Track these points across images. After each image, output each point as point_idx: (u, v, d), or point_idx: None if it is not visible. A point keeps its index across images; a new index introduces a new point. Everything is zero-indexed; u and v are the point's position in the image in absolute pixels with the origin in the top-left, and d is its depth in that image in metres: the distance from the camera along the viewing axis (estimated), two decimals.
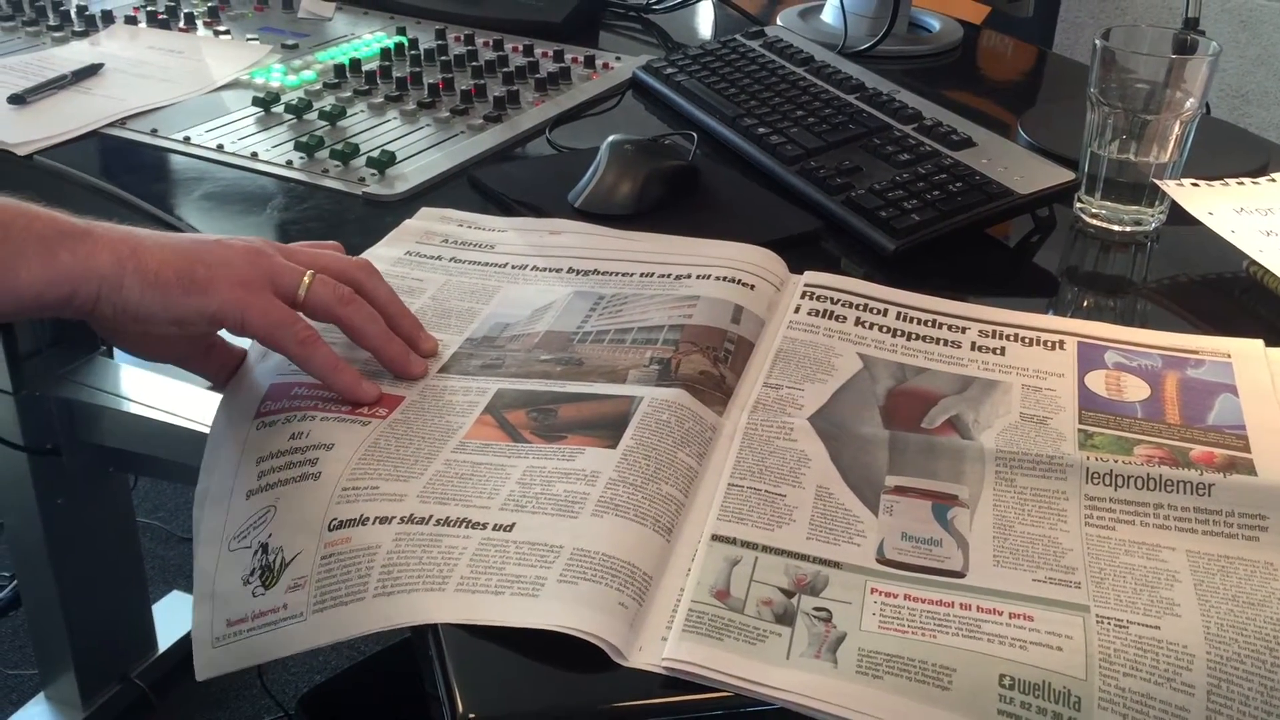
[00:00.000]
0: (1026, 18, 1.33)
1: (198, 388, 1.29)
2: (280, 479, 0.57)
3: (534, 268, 0.77)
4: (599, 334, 0.69)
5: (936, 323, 0.73)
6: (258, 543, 0.55)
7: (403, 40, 1.17)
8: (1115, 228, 0.86)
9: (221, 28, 1.22)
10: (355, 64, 1.10)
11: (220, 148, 0.94)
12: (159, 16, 1.22)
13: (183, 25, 1.22)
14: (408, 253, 0.78)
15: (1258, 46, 2.16)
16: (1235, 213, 0.84)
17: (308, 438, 0.59)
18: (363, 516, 0.54)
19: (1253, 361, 0.69)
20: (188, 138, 0.96)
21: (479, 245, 0.80)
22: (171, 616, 1.64)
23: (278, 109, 1.01)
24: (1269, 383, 0.67)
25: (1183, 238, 0.86)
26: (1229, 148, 1.00)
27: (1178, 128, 0.84)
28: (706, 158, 0.94)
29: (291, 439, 0.59)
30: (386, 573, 0.51)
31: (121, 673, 1.56)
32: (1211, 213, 0.83)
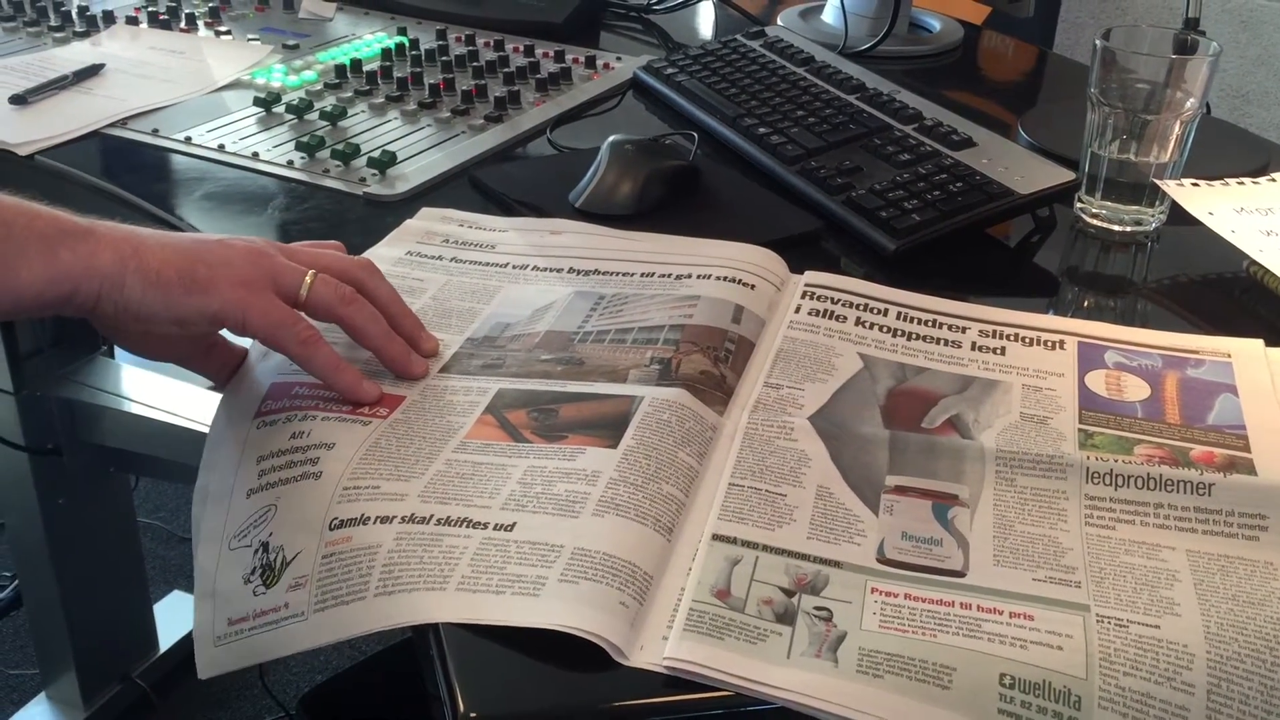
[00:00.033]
0: (1027, 18, 1.33)
1: (199, 388, 1.29)
2: (281, 478, 0.57)
3: (535, 268, 0.77)
4: (600, 334, 0.69)
5: (937, 323, 0.73)
6: (258, 542, 0.55)
7: (404, 40, 1.17)
8: (1115, 228, 0.86)
9: (223, 28, 1.22)
10: (356, 64, 1.10)
11: (221, 148, 0.94)
12: (160, 17, 1.22)
13: (184, 26, 1.22)
14: (408, 253, 0.78)
15: (1258, 47, 2.16)
16: (1235, 213, 0.84)
17: (308, 437, 0.59)
18: (364, 516, 0.54)
19: (1253, 361, 0.69)
20: (189, 138, 0.96)
21: (480, 245, 0.80)
22: (172, 616, 1.64)
23: (279, 109, 1.01)
24: (1269, 383, 0.67)
25: (1183, 238, 0.86)
26: (1229, 148, 1.00)
27: (1178, 128, 0.84)
28: (707, 158, 0.94)
29: (292, 438, 0.59)
30: (388, 572, 0.51)
31: (122, 673, 1.56)
32: (1212, 213, 0.83)
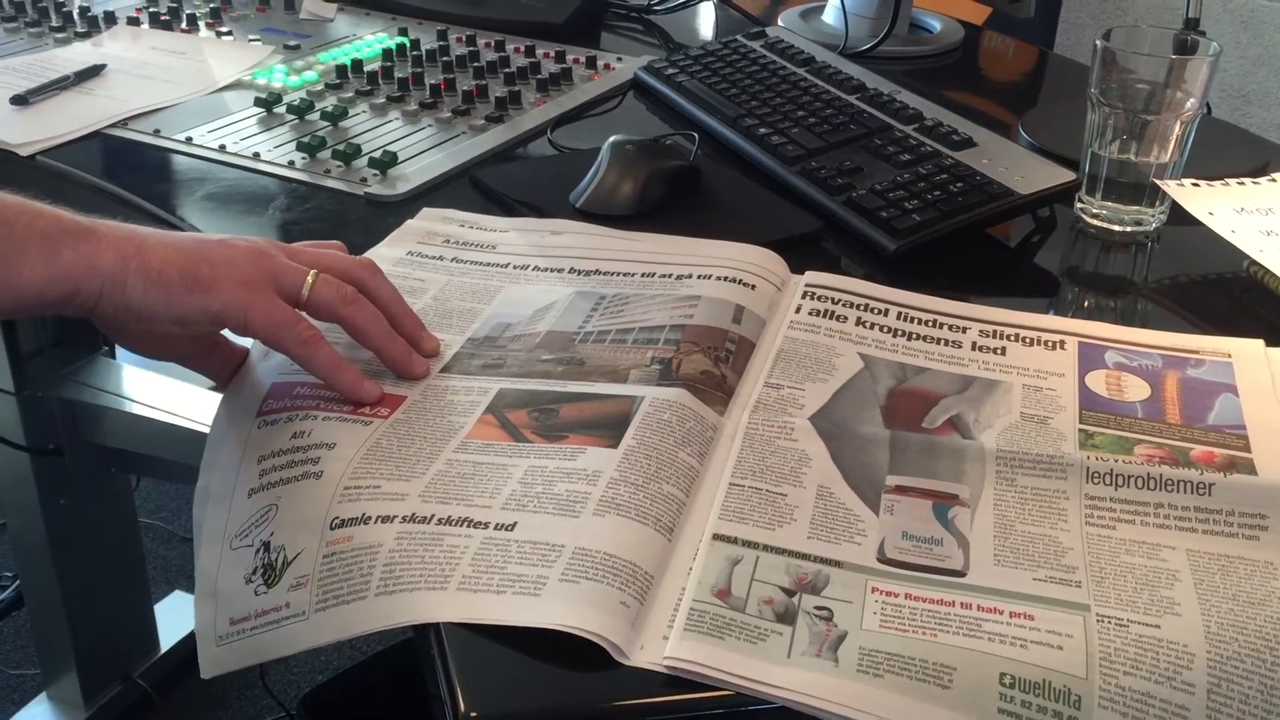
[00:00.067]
0: (1027, 18, 1.33)
1: (200, 388, 1.29)
2: (282, 478, 0.57)
3: (535, 268, 0.77)
4: (600, 334, 0.69)
5: (937, 323, 0.73)
6: (259, 541, 0.55)
7: (404, 41, 1.17)
8: (1116, 228, 0.87)
9: (224, 28, 1.22)
10: (357, 64, 1.10)
11: (222, 148, 0.95)
12: (161, 17, 1.22)
13: (185, 26, 1.22)
14: (409, 253, 0.78)
15: (1258, 47, 2.16)
16: (1236, 213, 0.84)
17: (310, 437, 0.59)
18: (365, 515, 0.54)
19: (1253, 361, 0.69)
20: (190, 138, 0.96)
21: (480, 245, 0.80)
22: (173, 616, 1.64)
23: (280, 109, 1.01)
24: (1269, 383, 0.67)
25: (1183, 238, 0.86)
26: (1229, 148, 1.00)
27: (1178, 128, 0.84)
28: (708, 158, 0.94)
29: (293, 438, 0.59)
30: (388, 572, 0.51)
31: (124, 673, 1.56)
32: (1212, 213, 0.83)
